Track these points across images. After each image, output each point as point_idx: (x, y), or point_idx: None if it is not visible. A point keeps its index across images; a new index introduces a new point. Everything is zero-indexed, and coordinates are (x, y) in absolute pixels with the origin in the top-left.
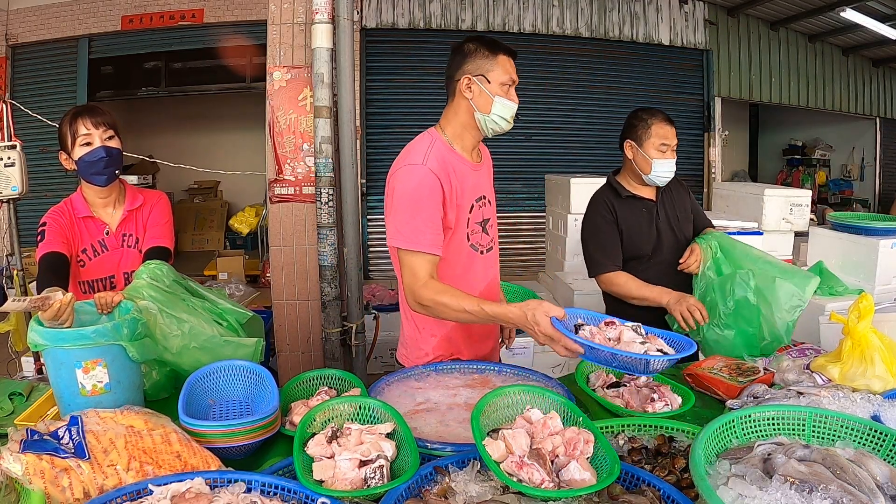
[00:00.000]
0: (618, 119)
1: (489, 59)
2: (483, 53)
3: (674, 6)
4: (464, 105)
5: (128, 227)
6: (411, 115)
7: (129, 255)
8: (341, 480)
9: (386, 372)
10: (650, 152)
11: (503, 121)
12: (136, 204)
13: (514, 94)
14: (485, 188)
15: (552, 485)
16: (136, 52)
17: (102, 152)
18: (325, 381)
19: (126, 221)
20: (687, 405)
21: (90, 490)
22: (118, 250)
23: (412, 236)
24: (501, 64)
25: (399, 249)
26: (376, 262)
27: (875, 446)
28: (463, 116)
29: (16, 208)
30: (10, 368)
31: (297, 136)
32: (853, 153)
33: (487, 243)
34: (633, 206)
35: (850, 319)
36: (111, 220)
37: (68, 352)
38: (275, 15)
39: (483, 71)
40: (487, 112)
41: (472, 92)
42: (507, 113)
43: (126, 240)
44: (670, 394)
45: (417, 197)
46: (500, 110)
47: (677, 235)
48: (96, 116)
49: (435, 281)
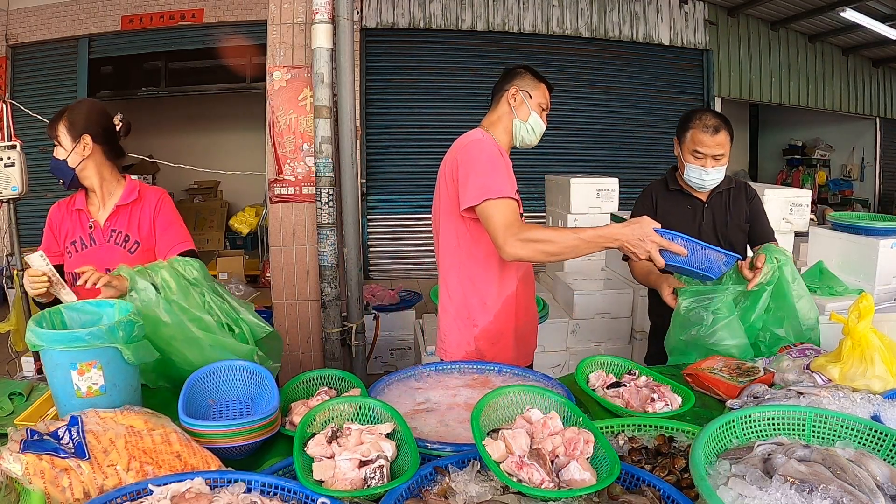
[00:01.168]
0: (618, 119)
1: (534, 82)
2: (531, 77)
3: (674, 6)
4: (506, 111)
5: (116, 223)
6: (411, 115)
7: (114, 253)
8: (341, 480)
9: (386, 372)
10: (686, 157)
11: (532, 134)
12: (127, 199)
13: (545, 119)
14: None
15: (552, 485)
16: (136, 52)
17: (51, 162)
18: (325, 382)
19: (115, 216)
20: (687, 405)
21: (90, 490)
22: (104, 245)
23: (497, 187)
24: (542, 90)
25: (487, 201)
26: (376, 262)
27: (875, 446)
28: (503, 121)
29: (16, 208)
30: (10, 368)
31: (297, 136)
32: (853, 153)
33: None
34: (678, 201)
35: (850, 319)
36: (100, 215)
37: (63, 353)
38: (275, 15)
39: (529, 89)
40: (525, 120)
41: (517, 101)
42: (538, 129)
43: (114, 236)
44: (670, 394)
45: (493, 157)
46: (533, 123)
47: (720, 241)
48: (49, 126)
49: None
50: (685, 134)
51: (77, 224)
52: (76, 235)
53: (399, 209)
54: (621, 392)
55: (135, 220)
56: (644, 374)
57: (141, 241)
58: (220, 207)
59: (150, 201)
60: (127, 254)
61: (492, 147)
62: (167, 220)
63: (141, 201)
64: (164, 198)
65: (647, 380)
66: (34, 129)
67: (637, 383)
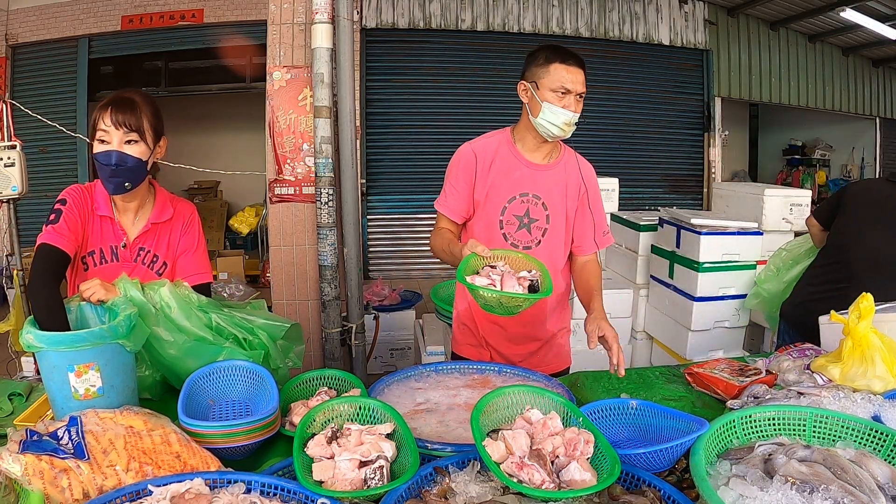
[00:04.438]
0: (618, 119)
1: (542, 66)
2: (539, 62)
3: (674, 6)
4: (524, 108)
5: (147, 242)
6: (411, 115)
7: (139, 273)
8: (341, 481)
9: (386, 372)
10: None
11: (553, 126)
12: (163, 217)
13: (572, 102)
14: (542, 189)
15: (552, 485)
16: (136, 52)
17: (114, 158)
18: (324, 382)
19: (146, 235)
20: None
21: (90, 491)
22: (129, 264)
23: (440, 198)
24: (553, 72)
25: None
26: (376, 262)
27: (876, 447)
28: (524, 118)
29: (16, 208)
30: (10, 368)
31: (297, 136)
32: (853, 153)
33: (527, 241)
34: None
35: (851, 319)
36: (130, 229)
37: (60, 354)
38: (275, 15)
39: (535, 78)
40: (535, 116)
41: (527, 97)
42: (557, 119)
43: (142, 255)
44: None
45: (450, 168)
46: (547, 116)
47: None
48: (120, 113)
49: (443, 230)
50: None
51: (100, 233)
52: (97, 246)
53: (399, 209)
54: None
55: (164, 238)
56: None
57: (169, 262)
58: (220, 207)
59: (180, 219)
60: (155, 276)
61: (456, 157)
62: (191, 242)
63: (173, 219)
64: (195, 217)
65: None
66: (34, 129)
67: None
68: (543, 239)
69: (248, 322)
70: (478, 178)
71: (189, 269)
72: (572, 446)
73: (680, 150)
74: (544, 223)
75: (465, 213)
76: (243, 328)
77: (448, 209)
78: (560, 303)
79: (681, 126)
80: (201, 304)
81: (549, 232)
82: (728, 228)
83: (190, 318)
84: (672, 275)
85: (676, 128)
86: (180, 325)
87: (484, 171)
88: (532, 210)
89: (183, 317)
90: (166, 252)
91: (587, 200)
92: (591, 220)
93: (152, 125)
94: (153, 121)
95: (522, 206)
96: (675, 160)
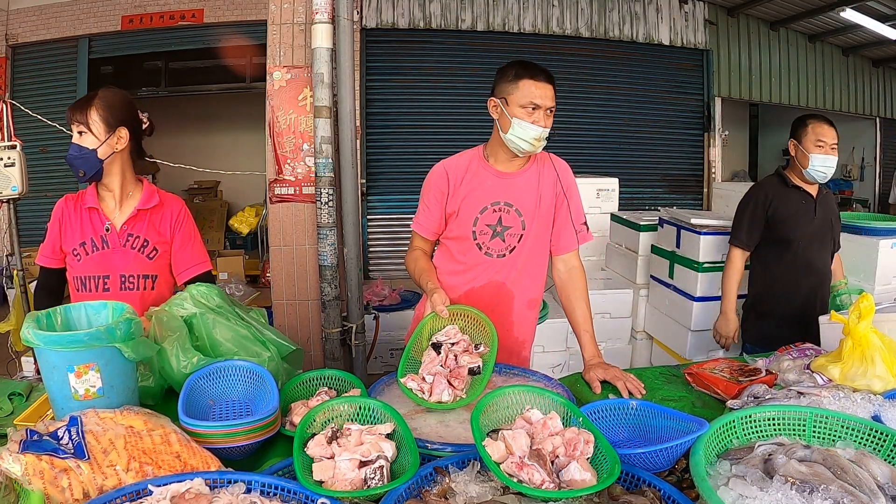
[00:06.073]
0: (618, 119)
1: (511, 82)
2: (508, 78)
3: (674, 6)
4: (495, 124)
5: (135, 228)
6: (411, 115)
7: (129, 257)
8: (341, 481)
9: (386, 372)
10: (810, 148)
11: (523, 141)
12: (149, 204)
13: (542, 118)
14: (513, 196)
15: (552, 485)
16: (136, 52)
17: (71, 149)
18: (324, 382)
19: (133, 220)
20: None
21: (90, 490)
22: (119, 250)
23: (415, 216)
24: (522, 88)
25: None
26: (376, 262)
27: (876, 447)
28: (495, 134)
29: (16, 208)
30: (10, 368)
31: (297, 136)
32: (853, 153)
33: (501, 250)
34: (795, 198)
35: (851, 319)
36: (116, 217)
37: (60, 354)
38: (275, 15)
39: (505, 94)
40: (506, 132)
41: (497, 113)
42: (527, 134)
43: (130, 241)
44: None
45: (424, 189)
46: (517, 132)
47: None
48: (74, 110)
49: (417, 250)
50: (803, 130)
51: (88, 224)
52: (86, 237)
53: (399, 209)
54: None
55: (154, 225)
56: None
57: (159, 248)
58: (220, 207)
59: (171, 210)
60: (146, 260)
61: (429, 176)
62: (187, 235)
63: (161, 207)
64: (185, 210)
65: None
66: (34, 129)
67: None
68: (518, 245)
69: (261, 333)
70: (450, 195)
71: (189, 262)
72: (572, 446)
73: (680, 150)
74: (519, 229)
75: (437, 230)
76: (258, 338)
77: (420, 227)
78: (530, 307)
79: (681, 126)
80: (220, 307)
81: (525, 238)
82: (728, 228)
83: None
84: (672, 275)
85: (676, 128)
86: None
87: (455, 186)
88: (505, 218)
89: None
90: (157, 238)
91: (565, 199)
92: (570, 217)
93: (102, 117)
94: (104, 113)
95: (495, 216)
96: (675, 160)
